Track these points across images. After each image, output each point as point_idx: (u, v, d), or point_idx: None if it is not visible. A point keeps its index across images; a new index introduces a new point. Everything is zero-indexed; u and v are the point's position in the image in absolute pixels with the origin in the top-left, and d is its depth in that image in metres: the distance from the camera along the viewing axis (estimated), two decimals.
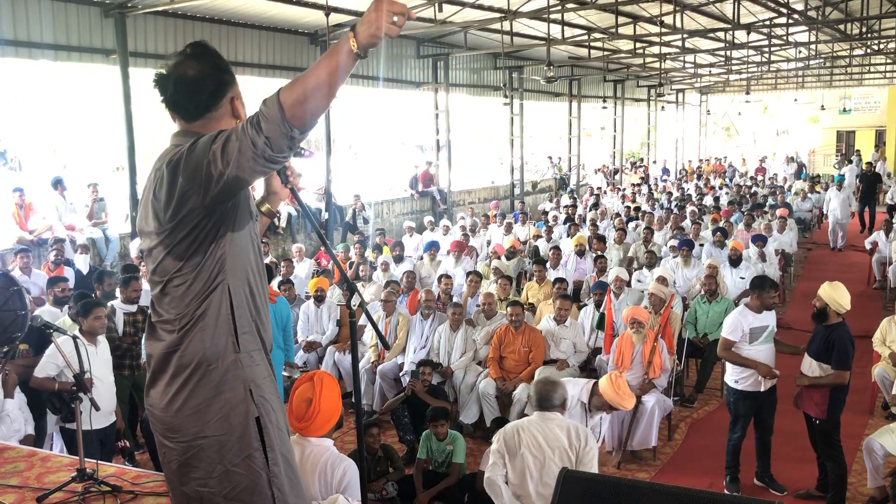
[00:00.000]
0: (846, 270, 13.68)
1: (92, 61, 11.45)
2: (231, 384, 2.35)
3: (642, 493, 2.54)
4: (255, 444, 2.38)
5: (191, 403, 2.33)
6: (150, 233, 2.31)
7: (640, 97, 30.47)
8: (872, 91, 33.22)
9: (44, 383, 5.26)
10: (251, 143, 1.98)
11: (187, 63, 2.30)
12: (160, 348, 2.36)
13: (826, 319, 5.47)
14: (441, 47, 17.92)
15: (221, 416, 2.34)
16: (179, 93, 2.31)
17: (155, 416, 2.41)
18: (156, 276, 2.34)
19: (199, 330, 2.32)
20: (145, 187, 2.35)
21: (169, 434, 2.38)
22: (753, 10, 16.24)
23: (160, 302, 2.36)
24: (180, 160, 2.14)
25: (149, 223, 2.30)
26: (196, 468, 2.36)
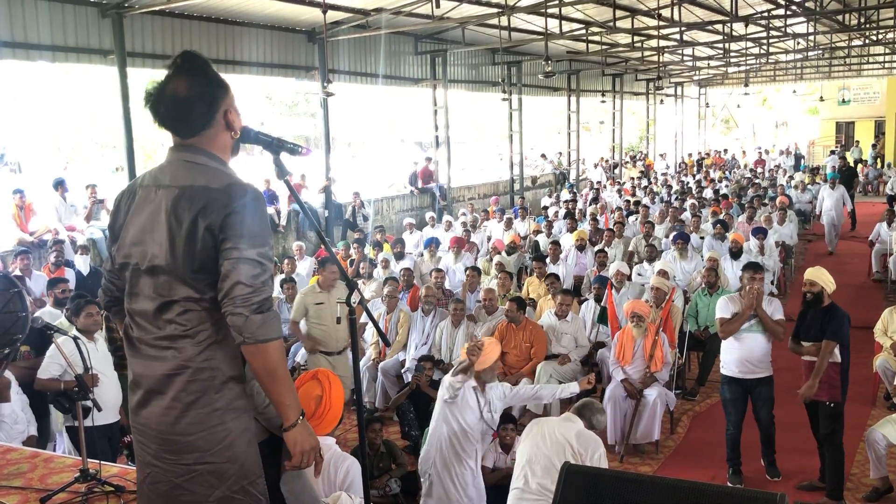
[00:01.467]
0: (846, 262, 13.68)
1: (90, 62, 11.44)
2: (240, 412, 2.33)
3: (645, 486, 2.54)
4: (259, 472, 2.39)
5: (196, 426, 2.27)
6: (156, 256, 2.26)
7: (639, 91, 30.44)
8: (871, 82, 33.19)
9: (49, 384, 5.27)
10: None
11: (178, 81, 2.26)
12: (164, 367, 2.27)
13: (822, 302, 5.58)
14: (439, 43, 17.90)
15: (227, 444, 2.30)
16: (171, 114, 2.29)
17: (148, 436, 2.32)
18: (157, 294, 2.27)
19: (220, 348, 2.29)
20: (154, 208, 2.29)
21: (166, 456, 2.30)
22: (751, 1, 16.22)
23: (161, 317, 2.27)
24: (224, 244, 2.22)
25: (158, 249, 2.26)
26: (191, 492, 2.30)
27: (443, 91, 18.51)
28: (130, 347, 2.37)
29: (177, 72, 2.28)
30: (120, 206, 2.42)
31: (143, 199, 2.33)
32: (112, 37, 11.24)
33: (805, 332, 5.64)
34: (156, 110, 2.30)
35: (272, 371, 2.22)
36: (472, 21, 15.05)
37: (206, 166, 2.30)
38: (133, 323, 2.35)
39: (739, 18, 15.58)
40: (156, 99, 2.29)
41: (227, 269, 2.18)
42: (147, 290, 2.30)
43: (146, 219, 2.30)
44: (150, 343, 2.30)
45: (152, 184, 2.33)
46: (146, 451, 2.35)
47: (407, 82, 17.88)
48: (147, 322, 2.31)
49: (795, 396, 5.76)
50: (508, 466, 5.66)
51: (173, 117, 2.30)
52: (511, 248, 11.56)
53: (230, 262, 2.18)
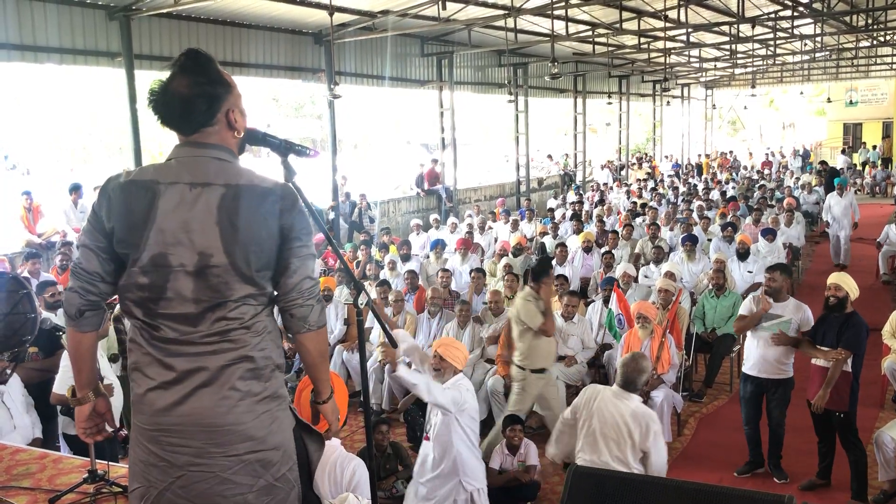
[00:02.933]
0: (854, 264, 13.63)
1: (97, 64, 11.49)
2: (282, 399, 2.42)
3: (652, 488, 2.54)
4: (294, 458, 2.46)
5: (249, 415, 2.31)
6: (209, 256, 2.23)
7: (646, 92, 30.40)
8: (879, 83, 33.09)
9: (64, 400, 5.19)
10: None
11: (179, 80, 2.27)
12: (222, 359, 2.27)
13: (846, 308, 5.55)
14: (445, 45, 17.92)
15: (274, 431, 2.37)
16: (171, 112, 2.31)
17: (189, 434, 2.27)
18: (207, 294, 2.25)
19: (271, 339, 2.37)
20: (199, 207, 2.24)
21: (213, 450, 2.28)
22: (758, 3, 16.19)
23: (209, 316, 2.26)
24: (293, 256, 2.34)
25: (212, 249, 2.23)
26: (237, 484, 2.31)
27: (449, 93, 18.52)
28: (162, 347, 2.29)
29: (180, 70, 2.29)
30: (127, 203, 2.25)
31: (178, 198, 2.24)
32: (120, 39, 11.29)
33: (822, 336, 5.62)
34: (158, 108, 2.32)
35: (324, 352, 2.50)
36: (479, 23, 15.06)
37: (232, 164, 2.34)
38: (161, 325, 2.28)
39: (746, 20, 15.55)
40: (159, 97, 2.30)
41: (297, 266, 2.32)
42: (188, 291, 2.24)
43: (189, 217, 2.23)
44: (198, 341, 2.27)
45: (180, 181, 2.26)
46: (184, 452, 2.28)
47: (413, 84, 17.90)
48: (186, 324, 2.27)
49: (802, 399, 5.75)
50: (515, 469, 5.67)
51: (176, 115, 2.31)
52: (517, 249, 11.56)
53: (300, 259, 2.32)
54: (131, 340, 2.35)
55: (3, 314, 3.54)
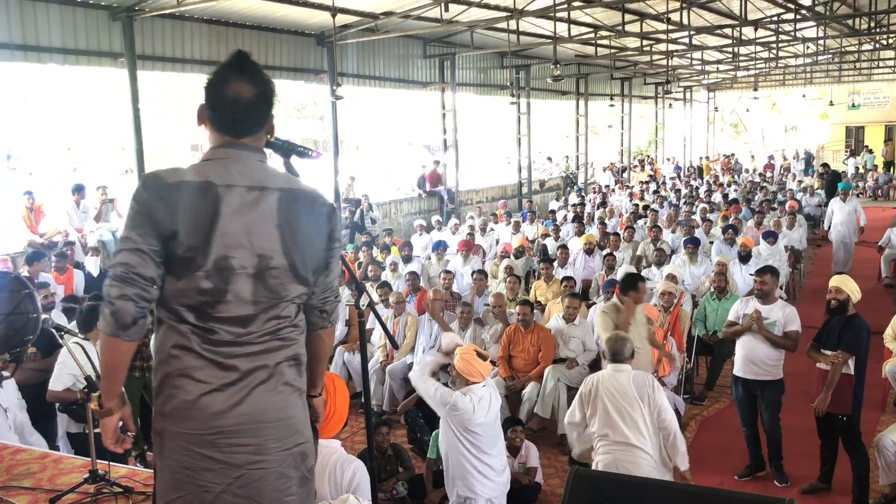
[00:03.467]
0: (856, 267, 13.61)
1: (100, 65, 11.50)
2: (304, 393, 2.50)
3: (652, 490, 2.54)
4: (315, 449, 2.55)
5: (297, 408, 2.41)
6: (270, 258, 2.29)
7: (648, 94, 30.39)
8: (881, 86, 33.05)
9: (63, 396, 5.15)
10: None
11: (239, 83, 2.30)
12: (278, 356, 2.35)
13: (847, 311, 5.55)
14: (447, 47, 17.92)
15: (309, 422, 2.50)
16: (235, 116, 2.32)
17: (250, 431, 2.29)
18: (266, 295, 2.30)
19: (303, 335, 2.47)
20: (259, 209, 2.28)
21: (273, 444, 2.33)
22: (761, 5, 16.16)
23: (264, 316, 2.31)
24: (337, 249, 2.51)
25: (272, 251, 2.28)
26: (288, 477, 2.37)
27: (451, 94, 18.53)
28: (219, 349, 2.28)
29: (238, 72, 2.31)
30: (190, 205, 2.21)
31: (247, 202, 2.26)
32: (122, 40, 11.31)
33: (825, 339, 5.63)
34: (220, 110, 2.32)
35: (332, 347, 2.70)
36: (481, 25, 15.06)
37: (274, 168, 2.41)
38: (216, 328, 2.27)
39: (749, 22, 15.53)
40: (221, 99, 2.31)
41: (334, 266, 2.48)
42: (247, 293, 2.27)
43: (251, 221, 2.26)
44: (255, 340, 2.31)
45: (242, 184, 2.27)
46: (243, 451, 2.29)
47: (415, 85, 17.91)
48: (241, 325, 2.29)
49: (805, 402, 5.75)
50: (516, 470, 5.66)
51: (239, 118, 2.32)
52: (519, 251, 11.56)
53: (336, 259, 2.48)
54: (177, 347, 2.27)
55: (5, 314, 3.54)
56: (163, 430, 2.30)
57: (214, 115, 2.33)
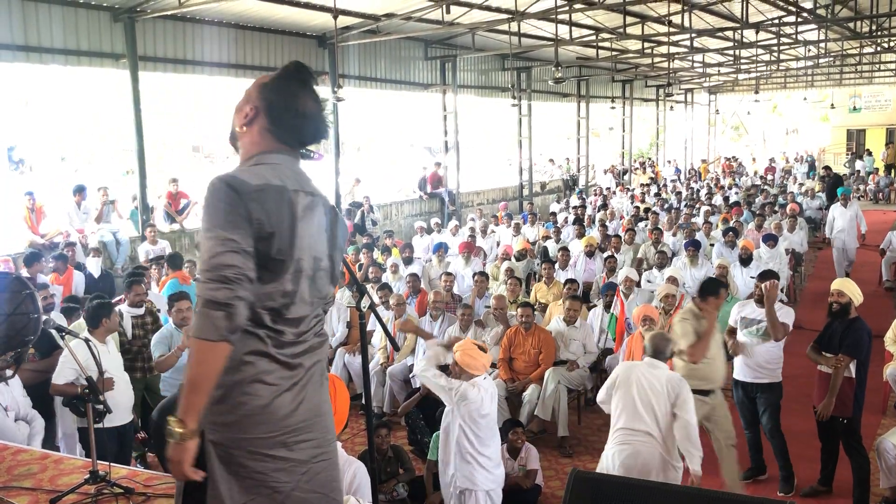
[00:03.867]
0: (857, 270, 13.60)
1: (102, 66, 11.52)
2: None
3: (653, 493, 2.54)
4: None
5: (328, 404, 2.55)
6: (322, 260, 2.44)
7: (649, 97, 30.41)
8: (883, 89, 33.03)
9: (65, 389, 5.23)
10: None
11: (310, 99, 2.41)
12: (322, 354, 2.50)
13: (849, 314, 5.54)
14: (449, 49, 17.94)
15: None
16: (309, 131, 2.44)
17: (314, 426, 2.40)
18: (321, 294, 2.45)
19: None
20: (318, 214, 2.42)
21: (328, 436, 2.47)
22: (762, 8, 16.17)
23: (314, 315, 2.45)
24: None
25: (323, 254, 2.45)
26: (337, 466, 2.52)
27: (452, 96, 18.54)
28: (286, 350, 2.32)
29: (305, 86, 2.40)
30: (279, 209, 2.24)
31: (307, 206, 2.35)
32: (124, 41, 11.33)
33: (826, 343, 5.62)
34: (284, 121, 2.37)
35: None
36: (482, 27, 15.07)
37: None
38: (284, 329, 2.32)
39: (750, 25, 15.54)
40: (288, 111, 2.37)
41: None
42: (306, 294, 2.36)
43: (312, 225, 2.36)
44: (308, 339, 2.41)
45: (302, 189, 2.35)
46: (307, 446, 2.37)
47: (417, 87, 17.92)
48: (300, 325, 2.37)
49: (805, 405, 5.74)
50: (516, 473, 5.66)
51: (310, 134, 2.43)
52: (521, 253, 11.56)
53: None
54: (252, 353, 2.25)
55: (7, 314, 3.54)
56: (224, 440, 2.24)
57: (277, 124, 2.36)
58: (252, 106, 2.37)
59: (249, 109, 2.37)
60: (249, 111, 2.37)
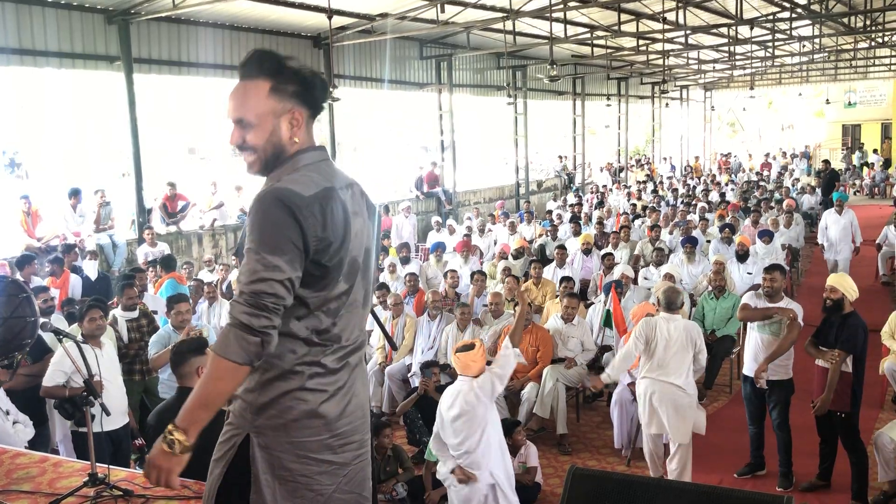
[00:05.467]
0: (853, 265, 13.62)
1: (96, 68, 11.50)
2: None
3: (652, 489, 2.54)
4: None
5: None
6: (370, 251, 2.43)
7: (644, 94, 30.43)
8: (878, 84, 33.10)
9: (54, 391, 5.25)
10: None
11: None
12: (365, 347, 2.50)
13: (842, 310, 5.55)
14: (444, 48, 17.94)
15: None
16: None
17: (356, 427, 2.37)
18: (368, 287, 2.44)
19: None
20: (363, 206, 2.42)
21: (368, 435, 2.45)
22: (756, 4, 16.20)
23: (368, 305, 2.47)
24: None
25: (371, 244, 2.42)
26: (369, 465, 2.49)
27: (448, 95, 18.55)
28: (336, 353, 2.28)
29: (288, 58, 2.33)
30: (334, 213, 2.19)
31: (350, 201, 2.31)
32: (118, 43, 11.31)
33: (823, 337, 5.65)
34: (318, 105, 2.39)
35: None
36: (477, 25, 15.07)
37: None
38: (338, 332, 2.28)
39: (744, 21, 15.57)
40: (320, 94, 2.35)
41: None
42: (360, 290, 2.35)
43: (360, 218, 2.35)
44: (359, 336, 2.39)
45: (344, 182, 2.35)
46: (351, 448, 2.35)
47: (412, 87, 17.93)
48: (353, 323, 2.35)
49: (804, 400, 5.76)
50: (517, 471, 5.66)
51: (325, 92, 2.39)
52: (518, 252, 11.56)
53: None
54: (304, 364, 2.23)
55: (3, 318, 3.53)
56: (272, 444, 2.23)
57: (315, 105, 2.34)
58: (289, 110, 2.26)
59: (299, 113, 2.28)
60: (300, 115, 2.28)
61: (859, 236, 12.12)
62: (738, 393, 7.94)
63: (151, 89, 14.82)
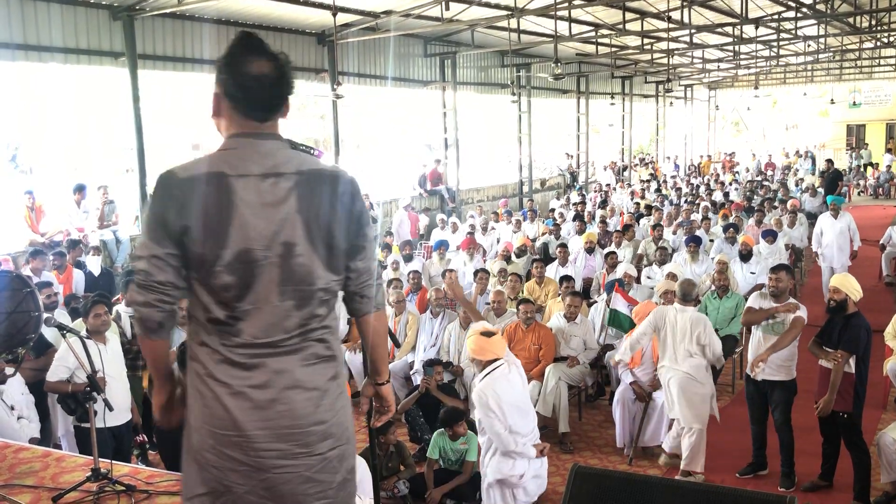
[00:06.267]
0: (857, 265, 13.58)
1: (101, 64, 11.50)
2: (344, 389, 2.43)
3: (654, 488, 2.54)
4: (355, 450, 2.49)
5: (330, 413, 2.31)
6: (295, 244, 2.27)
7: (649, 93, 30.38)
8: (882, 84, 33.00)
9: (58, 387, 5.28)
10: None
11: (259, 63, 2.20)
12: (305, 358, 2.29)
13: (846, 310, 5.55)
14: (448, 46, 17.92)
15: (348, 424, 2.39)
16: (261, 96, 2.23)
17: (275, 436, 2.22)
18: (302, 284, 2.27)
19: (336, 339, 2.41)
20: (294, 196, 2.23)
21: (298, 450, 2.24)
22: (762, 4, 16.17)
23: (304, 306, 2.29)
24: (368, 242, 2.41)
25: (298, 236, 2.23)
26: (320, 482, 2.29)
27: (452, 93, 18.54)
28: (249, 349, 2.23)
29: (256, 52, 2.21)
30: (199, 200, 2.14)
31: (255, 190, 2.18)
32: (123, 39, 11.31)
33: (827, 338, 5.65)
34: (247, 90, 2.20)
35: (384, 332, 2.70)
36: (482, 23, 15.06)
37: (290, 150, 2.32)
38: (241, 325, 2.22)
39: (749, 21, 15.53)
40: (246, 79, 2.19)
41: (368, 248, 2.40)
42: (273, 286, 2.22)
43: (271, 209, 2.20)
44: (283, 339, 2.26)
45: (250, 173, 2.19)
46: (268, 455, 2.22)
47: (416, 84, 17.91)
48: (269, 323, 2.27)
49: (807, 400, 5.75)
50: None
51: (265, 98, 2.23)
52: (521, 250, 11.56)
53: (370, 242, 2.42)
54: (202, 345, 2.23)
55: (7, 312, 3.54)
56: (191, 425, 2.28)
57: (236, 99, 2.22)
58: (213, 92, 2.27)
59: (215, 96, 2.27)
60: (215, 98, 2.27)
61: (857, 241, 11.54)
62: (740, 393, 7.93)
63: (156, 85, 14.81)
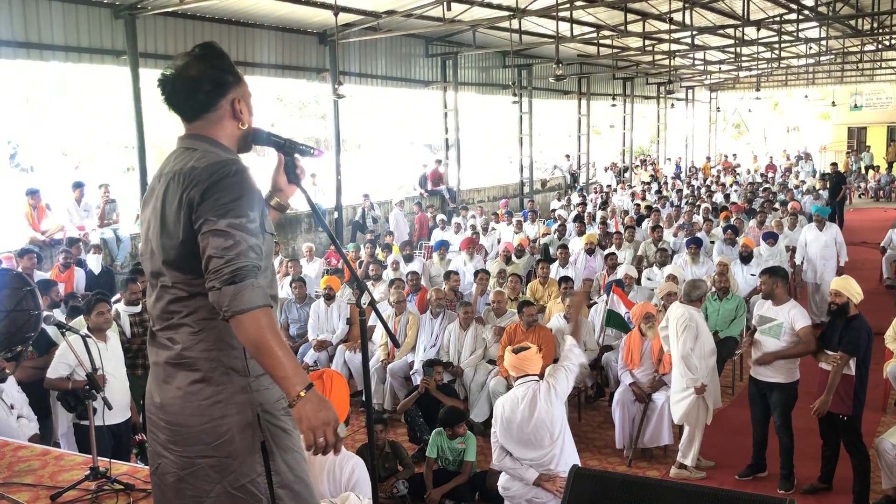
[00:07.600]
0: (857, 268, 13.59)
1: (102, 62, 11.52)
2: (239, 406, 2.27)
3: (653, 490, 2.54)
4: (259, 470, 2.30)
5: (199, 418, 2.25)
6: (152, 242, 2.38)
7: (650, 94, 30.38)
8: (884, 87, 33.01)
9: (58, 384, 5.29)
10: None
11: (189, 63, 2.33)
12: (166, 355, 2.32)
13: (847, 313, 5.56)
14: (450, 46, 17.92)
15: (228, 439, 2.26)
16: (177, 92, 2.35)
17: (158, 425, 2.34)
18: (157, 281, 2.36)
19: (217, 336, 2.28)
20: (152, 197, 2.37)
21: (172, 447, 2.30)
22: (763, 6, 16.16)
23: (163, 303, 2.33)
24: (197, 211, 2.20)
25: (154, 235, 2.32)
26: (194, 486, 2.29)
27: (453, 93, 18.54)
28: (150, 335, 2.45)
29: (193, 57, 2.35)
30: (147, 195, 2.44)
31: (152, 189, 2.39)
32: (125, 37, 11.31)
33: (828, 340, 5.66)
34: (164, 87, 2.37)
35: (257, 343, 2.09)
36: (483, 24, 15.06)
37: (203, 151, 2.30)
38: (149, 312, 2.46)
39: (751, 23, 15.53)
40: (166, 77, 2.37)
41: (202, 246, 2.15)
42: (147, 283, 2.44)
43: (148, 209, 2.37)
44: (155, 332, 2.42)
45: (161, 173, 2.37)
46: (156, 441, 2.38)
47: (417, 84, 17.91)
48: (150, 315, 2.46)
49: (808, 403, 5.75)
50: None
51: (179, 95, 2.35)
52: (520, 250, 11.56)
53: (202, 236, 2.15)
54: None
55: (7, 311, 3.54)
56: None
57: (169, 94, 2.39)
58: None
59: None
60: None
61: (844, 255, 11.02)
62: (740, 394, 7.94)
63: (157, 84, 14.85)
